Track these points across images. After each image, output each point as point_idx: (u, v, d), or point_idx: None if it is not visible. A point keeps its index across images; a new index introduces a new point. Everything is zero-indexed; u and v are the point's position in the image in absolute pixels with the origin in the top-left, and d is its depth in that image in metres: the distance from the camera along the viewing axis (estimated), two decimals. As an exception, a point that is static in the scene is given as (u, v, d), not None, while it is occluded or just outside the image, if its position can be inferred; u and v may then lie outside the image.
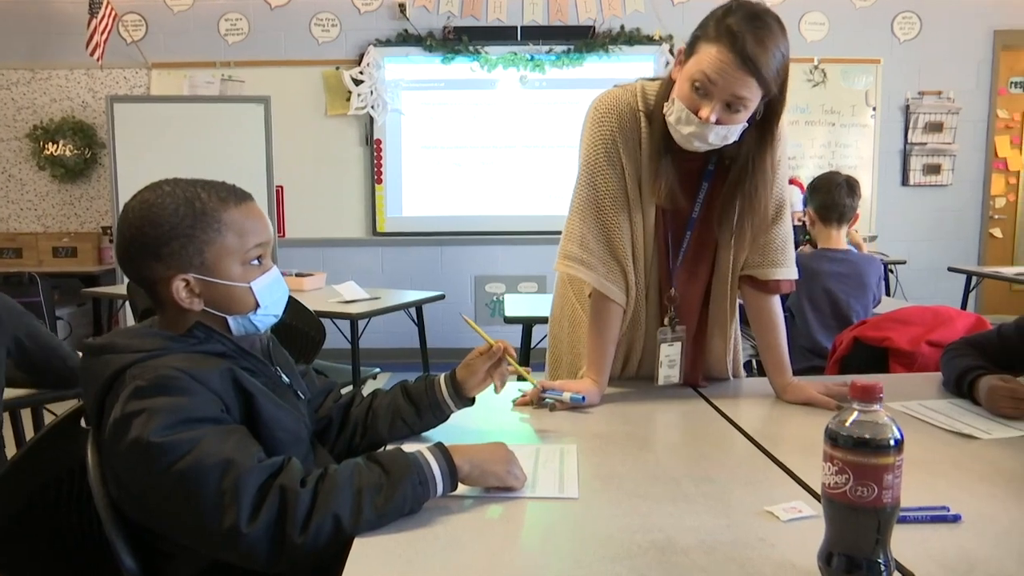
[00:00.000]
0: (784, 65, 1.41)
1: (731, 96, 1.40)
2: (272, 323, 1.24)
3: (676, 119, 1.46)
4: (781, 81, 1.43)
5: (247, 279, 1.18)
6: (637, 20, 5.35)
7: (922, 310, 2.38)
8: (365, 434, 1.38)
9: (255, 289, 1.18)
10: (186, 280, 1.14)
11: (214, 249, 1.14)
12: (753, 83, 1.38)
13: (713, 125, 1.42)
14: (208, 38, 5.39)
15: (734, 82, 1.38)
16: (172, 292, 1.13)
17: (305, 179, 5.44)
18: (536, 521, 1.08)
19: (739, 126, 1.46)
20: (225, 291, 1.16)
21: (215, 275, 1.15)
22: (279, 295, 1.23)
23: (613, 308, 1.61)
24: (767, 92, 1.41)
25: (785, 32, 1.42)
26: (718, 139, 1.46)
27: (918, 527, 1.03)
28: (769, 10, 1.41)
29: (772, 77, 1.39)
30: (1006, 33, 5.56)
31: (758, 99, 1.42)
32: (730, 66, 1.37)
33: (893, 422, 0.84)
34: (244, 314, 1.19)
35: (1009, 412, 1.50)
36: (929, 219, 5.73)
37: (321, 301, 3.42)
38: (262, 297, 1.19)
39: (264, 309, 1.20)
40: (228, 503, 0.99)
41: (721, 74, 1.38)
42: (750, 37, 1.36)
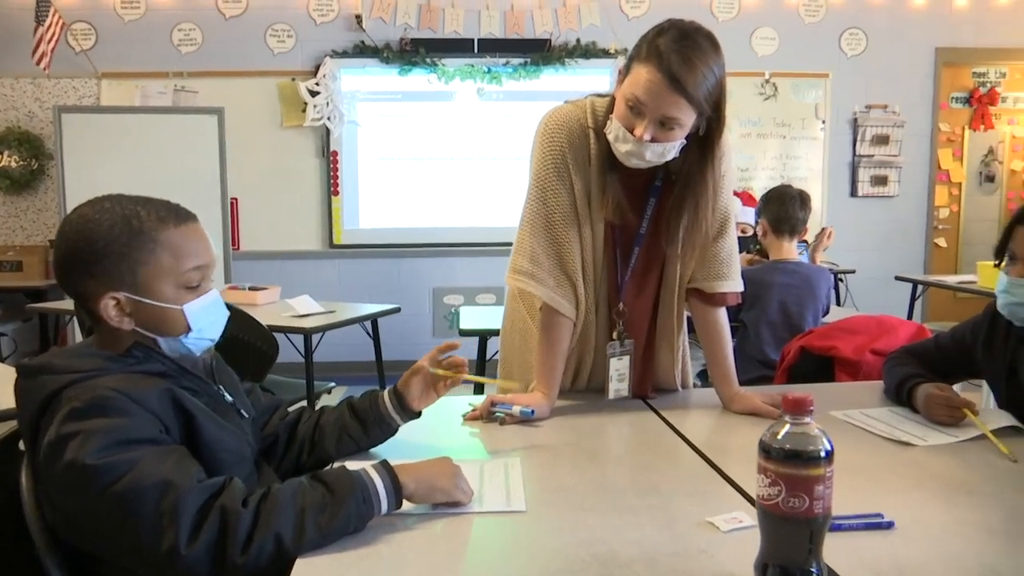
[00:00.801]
0: (717, 83, 1.43)
1: (662, 116, 1.42)
2: (207, 347, 1.22)
3: (614, 137, 1.49)
4: (715, 99, 1.45)
5: (179, 301, 1.16)
6: (593, 34, 5.41)
7: (866, 319, 2.45)
8: (312, 451, 1.38)
9: (187, 312, 1.16)
10: (116, 299, 1.12)
11: (147, 269, 1.13)
12: (683, 102, 1.40)
13: (648, 143, 1.44)
14: (160, 48, 5.31)
15: (664, 102, 1.40)
16: (101, 310, 1.12)
17: (260, 191, 5.38)
18: (482, 536, 1.08)
19: (676, 143, 1.48)
20: (156, 312, 1.14)
21: (146, 295, 1.13)
22: (215, 319, 1.21)
23: (563, 322, 1.62)
24: (699, 111, 1.43)
25: (718, 50, 1.43)
26: (655, 156, 1.48)
27: (853, 535, 1.06)
28: (701, 28, 1.43)
29: (703, 96, 1.41)
30: (947, 51, 5.75)
31: (691, 117, 1.44)
32: (659, 86, 1.39)
33: (824, 434, 0.86)
34: (175, 336, 1.17)
35: (944, 419, 1.54)
36: (877, 229, 5.87)
37: (274, 315, 3.38)
38: (194, 320, 1.17)
39: (197, 333, 1.18)
40: (167, 524, 0.98)
41: (651, 94, 1.40)
42: (678, 57, 1.37)
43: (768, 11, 5.59)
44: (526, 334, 1.76)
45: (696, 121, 1.46)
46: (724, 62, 1.44)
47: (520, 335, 1.78)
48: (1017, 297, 1.49)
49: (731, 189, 1.69)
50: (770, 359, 2.74)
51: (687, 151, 1.52)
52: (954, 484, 1.25)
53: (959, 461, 1.36)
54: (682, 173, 1.56)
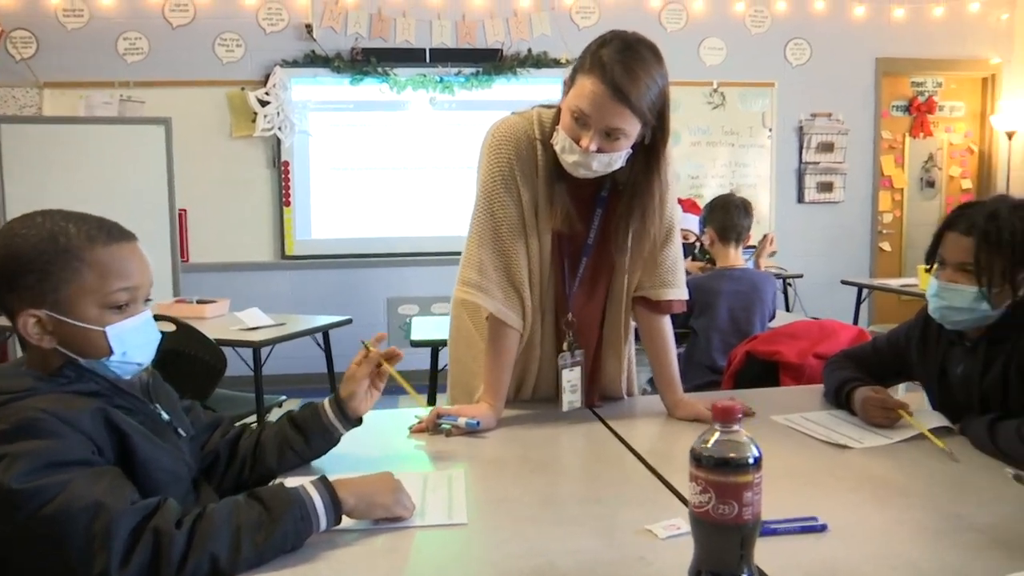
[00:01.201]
0: (660, 93, 1.45)
1: (607, 126, 1.44)
2: (135, 371, 1.19)
3: (561, 148, 1.50)
4: (659, 109, 1.47)
5: (103, 323, 1.12)
6: (544, 44, 5.44)
7: (809, 324, 2.50)
8: (254, 467, 1.36)
9: (109, 334, 1.12)
10: (36, 316, 1.09)
11: (70, 288, 1.10)
12: (627, 113, 1.42)
13: (595, 154, 1.46)
14: (105, 57, 5.20)
15: (608, 113, 1.42)
16: (20, 327, 1.09)
17: (210, 202, 5.29)
18: (423, 550, 1.08)
19: (622, 153, 1.50)
20: (78, 332, 1.11)
21: (68, 315, 1.10)
22: (142, 342, 1.17)
23: (510, 333, 1.63)
24: (643, 121, 1.45)
25: (661, 60, 1.46)
26: (601, 166, 1.50)
27: (788, 538, 1.08)
28: (644, 40, 1.45)
29: (646, 106, 1.43)
30: (887, 60, 5.92)
31: (636, 127, 1.46)
32: (602, 98, 1.41)
33: (752, 441, 0.88)
34: (98, 359, 1.13)
35: (880, 421, 1.59)
36: (824, 234, 6.01)
37: (223, 329, 3.33)
38: (117, 343, 1.13)
39: (121, 356, 1.14)
40: (98, 548, 0.96)
41: (595, 106, 1.42)
42: (620, 68, 1.39)
43: (715, 22, 5.70)
44: (471, 343, 1.76)
45: (641, 131, 1.48)
46: (667, 72, 1.47)
47: (465, 344, 1.78)
48: (947, 301, 1.54)
49: (675, 198, 1.72)
50: (718, 365, 2.78)
51: (633, 161, 1.54)
52: (888, 485, 1.29)
53: (893, 462, 1.40)
54: (628, 183, 1.58)
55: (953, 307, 1.53)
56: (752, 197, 5.72)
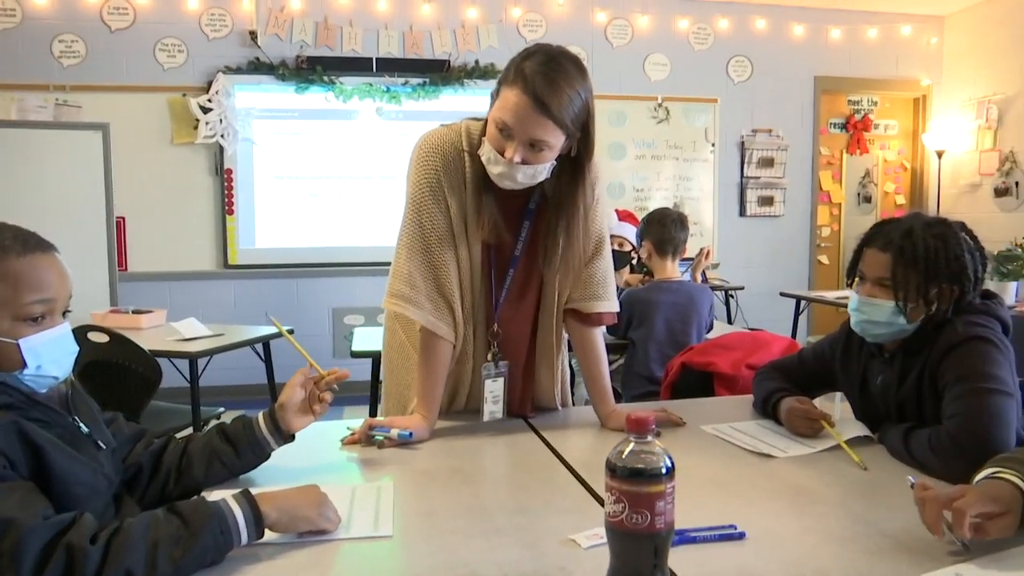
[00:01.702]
0: (584, 105, 1.47)
1: (530, 138, 1.46)
2: (50, 385, 1.16)
3: (486, 159, 1.52)
4: (582, 121, 1.49)
5: (15, 335, 1.10)
6: (491, 55, 5.49)
7: (742, 335, 2.56)
8: (179, 480, 1.33)
9: (23, 347, 1.10)
10: None
11: None
12: (550, 124, 1.44)
13: (519, 165, 1.48)
14: (40, 59, 5.06)
15: (530, 125, 1.44)
16: None
17: (149, 210, 5.18)
18: (346, 563, 1.08)
19: (546, 165, 1.52)
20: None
21: None
22: (58, 355, 1.15)
23: (442, 344, 1.63)
24: (567, 133, 1.47)
25: (584, 73, 1.48)
26: (526, 178, 1.52)
27: (705, 546, 1.10)
28: (567, 52, 1.48)
29: (569, 118, 1.45)
30: (825, 79, 6.12)
31: (559, 139, 1.48)
32: (524, 109, 1.43)
33: (665, 452, 0.90)
34: (11, 371, 1.11)
35: (803, 431, 1.63)
36: (764, 247, 6.16)
37: (159, 340, 3.26)
38: (31, 356, 1.11)
39: (35, 370, 1.12)
40: (6, 565, 0.93)
41: (517, 117, 1.44)
42: (542, 80, 1.41)
43: (660, 38, 5.81)
44: (404, 354, 1.76)
45: (566, 143, 1.50)
46: (591, 85, 1.49)
47: (398, 354, 1.78)
48: (866, 315, 1.59)
49: (605, 213, 1.74)
50: (656, 376, 2.83)
51: (559, 173, 1.57)
52: (805, 493, 1.33)
53: (813, 471, 1.44)
54: (554, 195, 1.60)
55: (872, 321, 1.58)
56: (696, 210, 5.90)
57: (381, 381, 3.16)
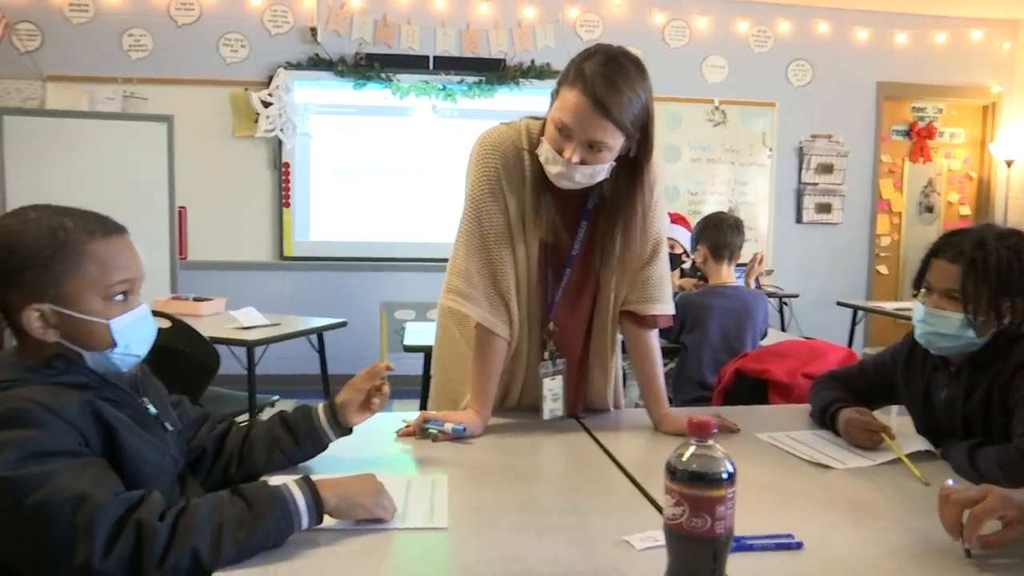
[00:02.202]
0: (643, 107, 1.47)
1: (589, 139, 1.45)
2: (134, 363, 1.21)
3: (545, 159, 1.53)
4: (642, 123, 1.49)
5: (106, 315, 1.14)
6: (547, 55, 5.49)
7: (799, 344, 2.52)
8: (241, 464, 1.37)
9: (113, 327, 1.15)
10: (40, 311, 1.11)
11: (73, 281, 1.12)
12: (609, 126, 1.43)
13: (577, 165, 1.48)
14: (110, 52, 5.22)
15: (590, 126, 1.44)
16: (24, 321, 1.10)
17: (210, 201, 5.31)
18: (401, 553, 1.09)
19: (605, 166, 1.51)
20: (82, 325, 1.13)
21: (72, 308, 1.12)
22: (142, 335, 1.20)
23: (497, 341, 1.64)
24: (626, 134, 1.47)
25: (644, 74, 1.47)
26: (584, 178, 1.51)
27: (762, 554, 1.09)
28: (628, 53, 1.47)
29: (629, 120, 1.45)
30: (888, 85, 5.97)
31: (618, 140, 1.48)
32: (584, 110, 1.43)
33: (726, 456, 0.89)
34: (101, 351, 1.15)
35: (862, 443, 1.60)
36: (821, 255, 6.04)
37: (218, 327, 3.34)
38: (120, 336, 1.15)
39: (123, 348, 1.16)
40: (81, 539, 0.97)
41: (577, 118, 1.44)
42: (602, 81, 1.41)
43: (718, 40, 5.74)
44: (455, 349, 1.77)
45: (625, 144, 1.50)
46: (651, 87, 1.49)
47: (450, 351, 1.80)
48: (932, 327, 1.55)
49: (663, 215, 1.73)
50: (708, 381, 2.80)
51: (617, 174, 1.56)
52: (863, 506, 1.30)
53: (872, 484, 1.41)
54: (612, 196, 1.60)
55: (939, 333, 1.54)
56: (751, 216, 5.81)
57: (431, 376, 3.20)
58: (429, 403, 1.91)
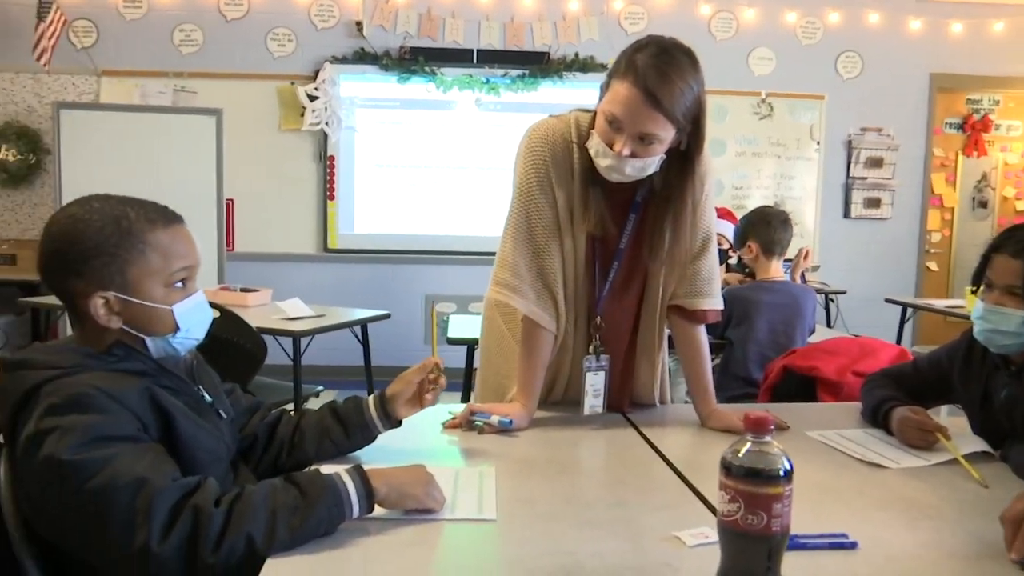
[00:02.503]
0: (695, 99, 1.45)
1: (640, 131, 1.44)
2: (192, 346, 1.24)
3: (595, 152, 1.51)
4: (693, 115, 1.47)
5: (169, 301, 1.18)
6: (591, 48, 5.45)
7: (849, 341, 2.47)
8: (291, 453, 1.39)
9: (176, 312, 1.18)
10: (105, 298, 1.14)
11: (136, 269, 1.14)
12: (660, 118, 1.42)
13: (628, 158, 1.46)
14: (161, 47, 5.33)
15: (641, 118, 1.42)
16: (90, 309, 1.13)
17: (256, 193, 5.40)
18: (451, 543, 1.10)
19: (656, 158, 1.50)
20: (145, 312, 1.16)
21: (136, 295, 1.15)
22: (201, 319, 1.23)
23: (543, 334, 1.64)
24: (677, 126, 1.45)
25: (697, 65, 1.45)
26: (635, 171, 1.50)
27: (815, 553, 1.07)
28: (680, 44, 1.45)
29: (680, 112, 1.43)
30: (942, 76, 5.81)
31: (670, 133, 1.46)
32: (635, 103, 1.41)
33: (783, 453, 0.88)
34: (163, 336, 1.19)
35: (917, 443, 1.56)
36: (869, 251, 5.91)
37: (265, 317, 3.39)
38: (183, 320, 1.19)
39: (184, 332, 1.20)
40: (140, 522, 0.99)
41: (628, 110, 1.42)
42: (654, 73, 1.39)
43: (765, 32, 5.64)
44: (502, 344, 1.77)
45: (676, 136, 1.48)
46: (703, 78, 1.47)
47: (496, 344, 1.80)
48: (992, 324, 1.51)
49: (713, 209, 1.71)
50: (754, 378, 2.76)
51: (668, 166, 1.54)
52: (920, 507, 1.27)
53: (927, 485, 1.38)
54: (662, 188, 1.58)
55: (999, 330, 1.50)
56: (797, 210, 5.71)
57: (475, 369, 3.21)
58: (474, 395, 1.91)
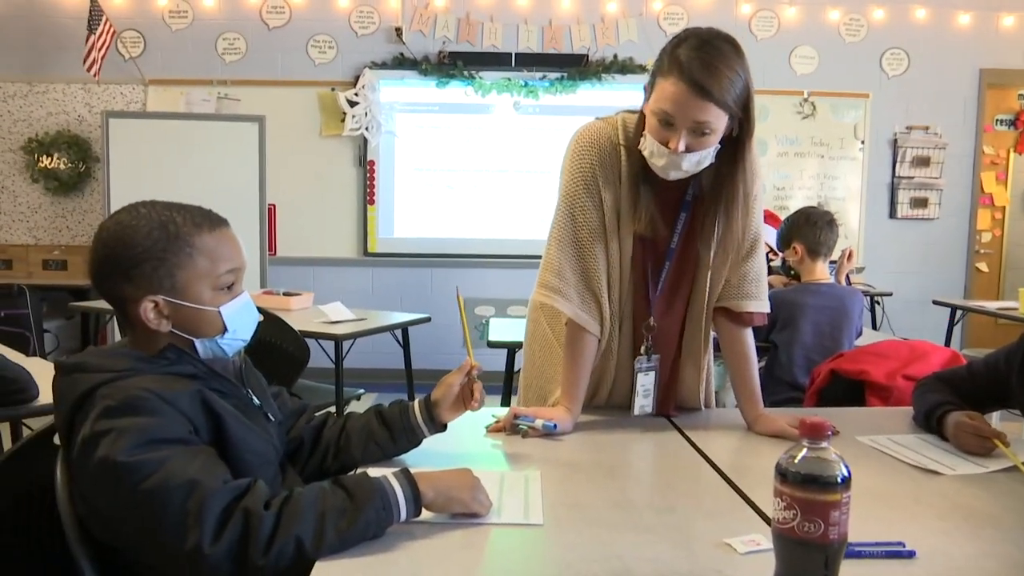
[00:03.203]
0: (744, 85, 1.43)
1: (693, 123, 1.42)
2: (240, 347, 1.26)
3: (650, 153, 1.50)
4: (743, 101, 1.44)
5: (216, 303, 1.19)
6: (630, 49, 5.42)
7: (898, 344, 2.41)
8: (337, 456, 1.40)
9: (224, 314, 1.20)
10: (155, 302, 1.16)
11: (185, 273, 1.16)
12: (711, 107, 1.40)
13: (684, 154, 1.45)
14: (205, 56, 5.44)
15: (691, 109, 1.40)
16: (140, 313, 1.15)
17: (298, 198, 5.47)
18: (498, 547, 1.09)
19: (710, 149, 1.48)
20: (194, 314, 1.18)
21: (184, 298, 1.17)
22: (248, 320, 1.25)
23: (588, 338, 1.63)
24: (729, 114, 1.43)
25: (740, 53, 1.43)
26: (692, 165, 1.48)
27: (872, 562, 1.04)
28: (721, 33, 1.43)
29: (731, 98, 1.41)
30: (992, 72, 5.65)
31: (722, 121, 1.44)
32: (684, 95, 1.40)
33: (841, 459, 0.86)
34: (211, 337, 1.20)
35: (974, 449, 1.52)
36: (916, 252, 5.78)
37: (307, 321, 3.43)
38: (230, 322, 1.21)
39: (232, 334, 1.22)
40: (192, 524, 1.00)
41: (677, 105, 1.41)
42: (699, 64, 1.38)
43: (808, 30, 5.56)
44: (546, 346, 1.77)
45: (728, 124, 1.46)
46: (748, 65, 1.44)
47: (540, 347, 1.79)
48: (1052, 326, 1.46)
49: (762, 211, 1.68)
50: (799, 382, 2.71)
51: (719, 157, 1.52)
52: (980, 516, 1.23)
53: (987, 493, 1.33)
54: (714, 180, 1.56)
55: (1059, 333, 1.45)
56: (841, 211, 5.61)
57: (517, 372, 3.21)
58: (517, 398, 1.91)
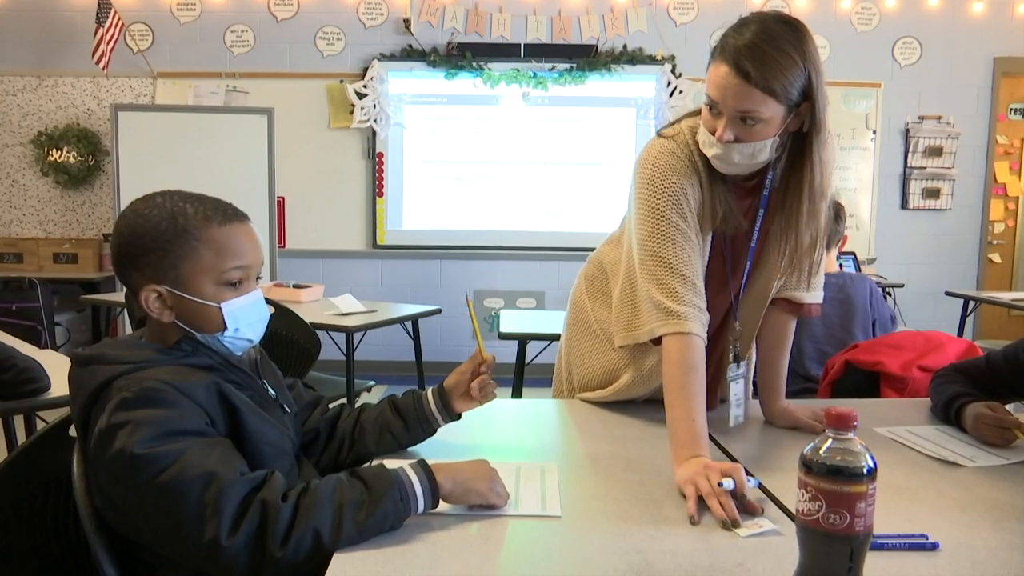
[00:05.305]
0: (800, 71, 1.30)
1: (738, 111, 1.33)
2: (245, 347, 1.23)
3: (703, 142, 1.42)
4: (801, 88, 1.32)
5: (218, 299, 1.17)
6: (640, 40, 5.39)
7: (914, 335, 2.39)
8: (352, 447, 1.39)
9: (224, 310, 1.17)
10: (157, 291, 1.15)
11: (188, 265, 1.15)
12: (756, 93, 1.30)
13: (734, 144, 1.36)
14: (214, 49, 5.43)
15: (735, 96, 1.31)
16: (143, 301, 1.15)
17: (307, 191, 5.47)
18: (517, 539, 1.09)
19: (765, 143, 1.37)
20: (194, 307, 1.16)
21: (186, 290, 1.15)
22: (253, 319, 1.22)
23: (701, 361, 1.43)
24: (779, 101, 1.32)
25: (800, 35, 1.31)
26: (744, 158, 1.38)
27: (896, 555, 1.03)
28: (780, 16, 1.33)
29: (780, 85, 1.29)
30: (1006, 60, 5.60)
31: (771, 109, 1.32)
32: (726, 79, 1.31)
33: (867, 450, 0.85)
34: (212, 333, 1.18)
35: (995, 440, 1.50)
36: (928, 243, 5.74)
37: (318, 313, 3.43)
38: (231, 319, 1.18)
39: (234, 332, 1.19)
40: (209, 515, 0.99)
41: (721, 90, 1.33)
42: (745, 47, 1.29)
43: (819, 19, 5.51)
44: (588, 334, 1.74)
45: (784, 115, 1.34)
46: (812, 50, 1.31)
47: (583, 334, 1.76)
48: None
49: (828, 201, 1.52)
50: (812, 374, 2.69)
51: (789, 151, 1.43)
52: (1003, 507, 1.22)
53: (1010, 484, 1.32)
54: (781, 176, 1.47)
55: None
56: (852, 202, 5.58)
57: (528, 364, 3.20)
58: (552, 390, 1.88)
